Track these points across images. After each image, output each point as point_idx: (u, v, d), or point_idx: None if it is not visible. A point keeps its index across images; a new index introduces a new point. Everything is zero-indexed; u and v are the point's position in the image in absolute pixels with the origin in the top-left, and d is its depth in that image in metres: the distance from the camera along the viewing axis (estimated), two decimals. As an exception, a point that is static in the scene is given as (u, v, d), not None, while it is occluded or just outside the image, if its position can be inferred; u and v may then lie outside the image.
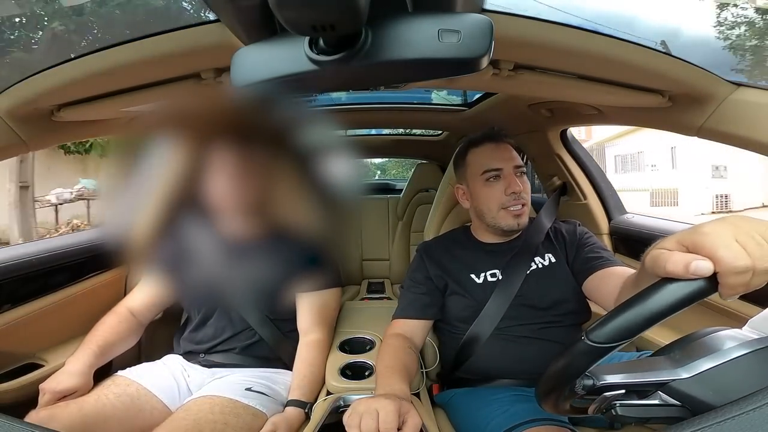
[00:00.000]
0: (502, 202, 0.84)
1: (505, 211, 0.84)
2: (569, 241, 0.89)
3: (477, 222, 0.93)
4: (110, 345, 0.89)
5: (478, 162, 0.88)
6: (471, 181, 0.89)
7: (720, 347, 0.39)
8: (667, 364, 0.41)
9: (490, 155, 0.87)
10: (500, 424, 0.68)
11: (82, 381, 0.79)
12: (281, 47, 0.38)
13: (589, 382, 0.41)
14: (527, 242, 0.89)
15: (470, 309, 0.85)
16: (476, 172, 0.87)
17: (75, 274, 1.07)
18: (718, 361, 0.38)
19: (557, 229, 0.93)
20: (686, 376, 0.39)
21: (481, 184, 0.87)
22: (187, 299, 0.97)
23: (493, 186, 0.85)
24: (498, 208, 0.85)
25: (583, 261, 0.84)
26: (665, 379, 0.40)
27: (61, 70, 0.62)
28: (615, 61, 0.61)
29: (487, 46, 0.35)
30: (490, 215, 0.86)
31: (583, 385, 0.42)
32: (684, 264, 0.33)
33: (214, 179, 0.83)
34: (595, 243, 0.88)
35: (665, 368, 0.41)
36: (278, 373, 0.92)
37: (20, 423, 0.34)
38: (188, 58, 0.59)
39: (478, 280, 0.87)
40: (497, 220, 0.85)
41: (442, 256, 0.92)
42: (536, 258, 0.87)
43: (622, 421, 0.44)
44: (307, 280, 0.93)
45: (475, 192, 0.88)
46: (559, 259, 0.87)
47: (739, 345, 0.38)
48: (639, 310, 0.36)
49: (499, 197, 0.84)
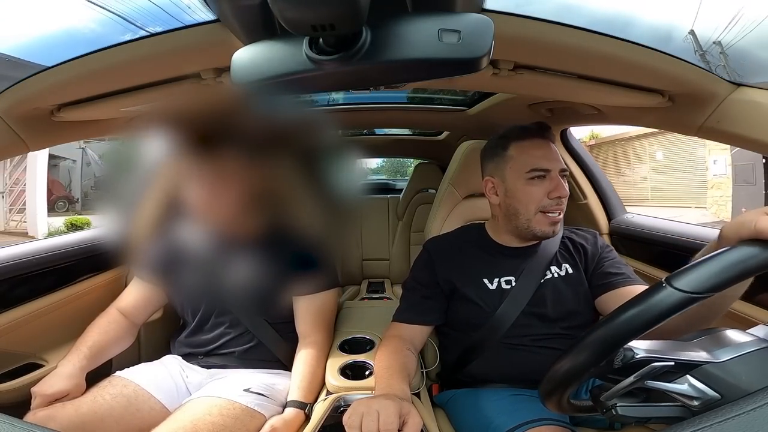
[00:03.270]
0: (542, 205, 0.77)
1: (543, 215, 0.78)
2: (590, 253, 0.84)
3: (503, 221, 0.85)
4: (102, 347, 0.88)
5: (524, 158, 0.79)
6: (510, 177, 0.81)
7: (740, 340, 0.40)
8: (702, 346, 0.41)
9: (538, 152, 0.79)
10: (501, 425, 0.67)
11: (73, 384, 0.78)
12: (281, 47, 0.38)
13: (630, 353, 0.40)
14: (544, 249, 0.84)
15: (479, 316, 0.81)
16: (520, 168, 0.79)
17: (75, 274, 1.07)
18: (745, 350, 0.38)
19: (574, 238, 0.88)
20: (725, 358, 0.39)
21: (523, 181, 0.79)
22: (182, 302, 0.96)
23: (536, 186, 0.78)
24: (536, 211, 0.78)
25: (602, 276, 0.80)
26: (703, 360, 0.39)
27: (61, 70, 0.61)
28: (615, 61, 0.61)
29: (487, 46, 0.35)
30: (525, 217, 0.79)
31: (623, 356, 0.40)
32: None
33: (212, 180, 0.83)
34: (616, 258, 0.84)
35: (701, 350, 0.41)
36: (277, 374, 0.92)
37: (20, 423, 0.34)
38: (188, 58, 0.59)
39: (492, 286, 0.82)
40: (532, 223, 0.79)
41: (452, 256, 0.87)
42: (552, 267, 0.83)
43: (622, 421, 0.44)
44: (304, 282, 0.92)
45: (513, 189, 0.80)
46: (577, 270, 0.83)
47: (756, 340, 0.39)
48: (732, 260, 0.36)
49: (540, 199, 0.77)
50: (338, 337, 0.98)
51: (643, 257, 1.07)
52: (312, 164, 0.80)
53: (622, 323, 0.39)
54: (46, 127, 0.76)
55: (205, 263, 0.91)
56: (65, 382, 0.78)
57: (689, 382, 0.40)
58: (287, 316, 0.94)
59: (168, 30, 0.54)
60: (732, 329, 0.43)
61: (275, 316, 0.93)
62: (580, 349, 0.42)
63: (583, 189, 1.23)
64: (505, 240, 0.87)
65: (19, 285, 0.93)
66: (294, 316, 0.94)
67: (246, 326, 0.91)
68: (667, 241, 0.99)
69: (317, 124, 0.81)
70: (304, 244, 0.86)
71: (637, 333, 0.38)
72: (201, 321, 0.94)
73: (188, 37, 0.55)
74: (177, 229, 0.89)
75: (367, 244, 1.99)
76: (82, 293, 1.07)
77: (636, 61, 0.61)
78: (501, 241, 0.87)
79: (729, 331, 0.43)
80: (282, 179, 0.84)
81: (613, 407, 0.43)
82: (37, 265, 0.96)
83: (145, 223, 0.83)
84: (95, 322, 0.92)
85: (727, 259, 0.37)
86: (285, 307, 0.93)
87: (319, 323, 0.93)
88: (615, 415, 0.43)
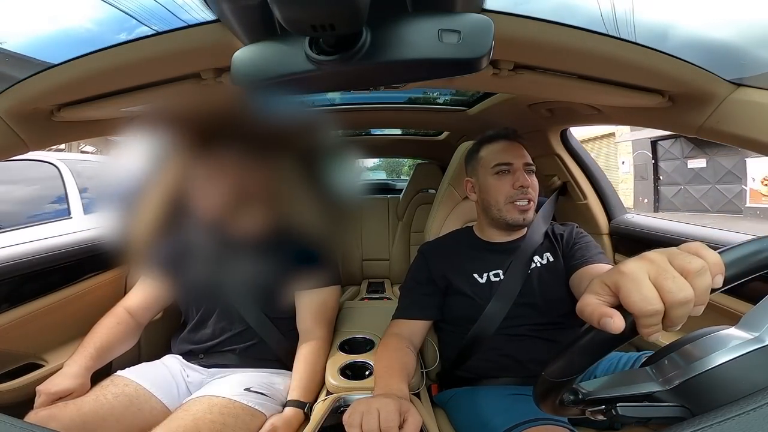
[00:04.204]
0: (509, 195, 0.86)
1: (512, 205, 0.86)
2: (566, 239, 0.91)
3: (482, 217, 0.94)
4: (108, 346, 0.89)
5: (490, 156, 0.90)
6: (481, 174, 0.91)
7: (711, 351, 0.39)
8: (656, 372, 0.43)
9: (502, 150, 0.89)
10: (500, 424, 0.67)
11: (78, 383, 0.79)
12: (281, 47, 0.38)
13: (571, 396, 0.43)
14: (528, 241, 0.90)
15: (473, 309, 0.85)
16: (487, 165, 0.89)
17: (75, 274, 1.07)
18: (701, 369, 0.39)
19: (555, 230, 0.94)
20: (663, 388, 0.41)
21: (490, 176, 0.88)
22: (185, 299, 0.97)
23: (502, 179, 0.87)
24: (505, 201, 0.86)
25: (572, 257, 0.86)
26: (648, 392, 0.41)
27: (61, 70, 0.61)
28: (615, 61, 0.61)
29: (488, 46, 0.35)
30: (496, 207, 0.87)
31: (568, 399, 0.43)
32: (597, 318, 0.34)
33: (213, 179, 0.83)
34: (588, 241, 0.90)
35: (651, 379, 0.42)
36: (278, 373, 0.92)
37: (20, 423, 0.34)
38: (188, 58, 0.59)
39: (482, 280, 0.87)
40: (503, 213, 0.87)
41: (445, 256, 0.93)
42: (535, 257, 0.88)
43: (622, 421, 0.44)
44: (306, 278, 0.93)
45: (485, 184, 0.90)
46: (557, 258, 0.88)
47: (729, 349, 0.38)
48: (574, 354, 0.39)
49: (507, 190, 0.86)
50: (338, 337, 0.98)
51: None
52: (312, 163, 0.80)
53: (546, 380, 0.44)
54: (46, 127, 0.76)
55: (208, 259, 0.91)
56: (71, 381, 0.78)
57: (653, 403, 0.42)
58: (289, 311, 0.95)
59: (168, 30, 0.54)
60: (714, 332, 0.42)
61: (277, 312, 0.93)
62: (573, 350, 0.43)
63: (583, 189, 1.23)
64: (489, 236, 0.94)
65: (19, 285, 0.93)
66: (295, 313, 0.95)
67: (247, 323, 0.92)
68: (667, 242, 0.99)
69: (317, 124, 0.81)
70: (306, 241, 0.87)
71: (556, 393, 0.43)
72: (203, 317, 0.94)
73: (188, 37, 0.55)
74: (181, 227, 0.89)
75: (367, 244, 1.99)
76: (83, 293, 1.07)
77: (636, 61, 0.61)
78: (486, 238, 0.94)
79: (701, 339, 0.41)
80: (282, 178, 0.84)
81: (613, 407, 0.43)
82: (37, 265, 0.96)
83: (150, 221, 0.83)
84: (102, 322, 0.93)
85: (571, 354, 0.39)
86: (287, 303, 0.94)
87: (320, 319, 0.94)
88: (615, 415, 0.43)
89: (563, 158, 1.24)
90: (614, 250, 1.18)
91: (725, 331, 0.41)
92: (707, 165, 8.45)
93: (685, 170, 8.80)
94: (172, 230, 0.90)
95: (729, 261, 0.34)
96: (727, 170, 8.12)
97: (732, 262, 0.34)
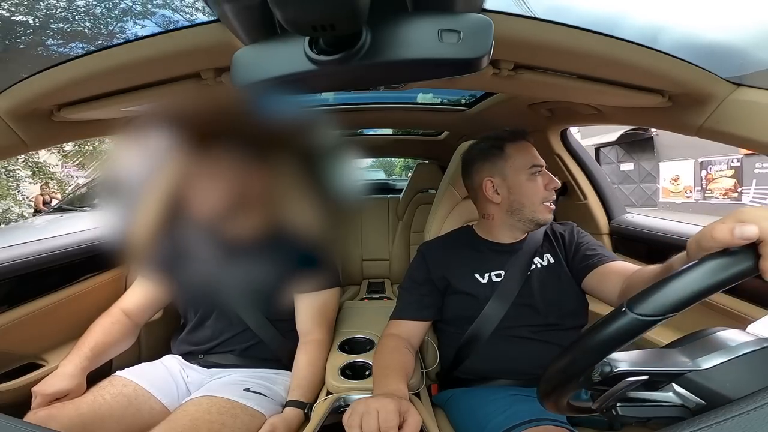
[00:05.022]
0: (544, 197, 0.86)
1: (544, 206, 0.86)
2: (567, 241, 0.90)
3: (503, 218, 0.90)
4: (104, 347, 0.88)
5: (520, 156, 0.88)
6: (513, 174, 0.87)
7: (730, 344, 0.39)
8: (684, 354, 0.41)
9: (530, 151, 0.89)
10: (499, 424, 0.67)
11: (74, 383, 0.78)
12: (281, 47, 0.38)
13: (607, 368, 0.40)
14: (529, 242, 0.89)
15: (473, 309, 0.85)
16: (522, 166, 0.87)
17: (75, 274, 1.07)
18: (732, 355, 0.38)
19: (554, 230, 0.94)
20: (705, 367, 0.39)
21: (525, 177, 0.87)
22: (184, 300, 0.97)
23: (537, 180, 0.86)
24: (540, 202, 0.86)
25: (581, 259, 0.85)
26: (684, 369, 0.39)
27: (61, 70, 0.62)
28: (615, 61, 0.61)
29: (487, 46, 0.35)
30: (530, 208, 0.86)
31: (601, 371, 0.40)
32: (729, 229, 0.35)
33: (212, 179, 0.83)
34: (591, 241, 0.90)
35: (683, 359, 0.40)
36: (277, 373, 0.92)
37: (20, 423, 0.34)
38: (188, 58, 0.59)
39: (483, 280, 0.87)
40: (536, 213, 0.86)
41: (445, 256, 0.92)
42: (535, 258, 0.88)
43: (622, 421, 0.44)
44: (306, 280, 0.93)
45: (517, 185, 0.87)
46: (558, 260, 0.88)
47: (750, 342, 0.38)
48: (687, 282, 0.35)
49: (541, 191, 0.86)
50: (338, 337, 0.98)
51: (643, 257, 1.07)
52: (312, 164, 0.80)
53: (587, 348, 0.39)
54: (46, 127, 0.76)
55: (206, 260, 0.91)
56: (66, 381, 0.78)
57: (674, 390, 0.40)
58: (288, 313, 0.94)
59: (168, 30, 0.54)
60: (719, 331, 0.42)
61: (276, 314, 0.93)
62: (569, 353, 0.42)
63: (583, 189, 1.23)
64: (496, 236, 0.92)
65: (19, 285, 0.93)
66: (295, 315, 0.94)
67: (246, 324, 0.91)
68: (667, 241, 0.99)
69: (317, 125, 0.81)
70: (305, 243, 0.87)
71: (600, 357, 0.39)
72: (202, 318, 0.94)
73: (188, 37, 0.55)
74: (180, 227, 0.89)
75: (367, 244, 1.99)
76: (82, 293, 1.07)
77: (636, 61, 0.61)
78: (491, 238, 0.93)
79: (716, 334, 0.42)
80: (282, 179, 0.84)
81: (613, 407, 0.43)
82: (36, 265, 0.96)
83: (149, 221, 0.83)
84: (98, 322, 0.92)
85: (685, 280, 0.36)
86: (286, 305, 0.93)
87: (319, 321, 0.93)
88: (615, 415, 0.43)
89: (563, 158, 1.24)
90: (614, 250, 1.18)
91: (739, 330, 0.41)
92: (634, 168, 10.18)
93: (619, 172, 10.56)
94: (171, 231, 0.90)
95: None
96: (648, 172, 9.81)
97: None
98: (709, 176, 8.16)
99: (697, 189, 8.35)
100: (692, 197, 8.46)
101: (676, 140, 8.25)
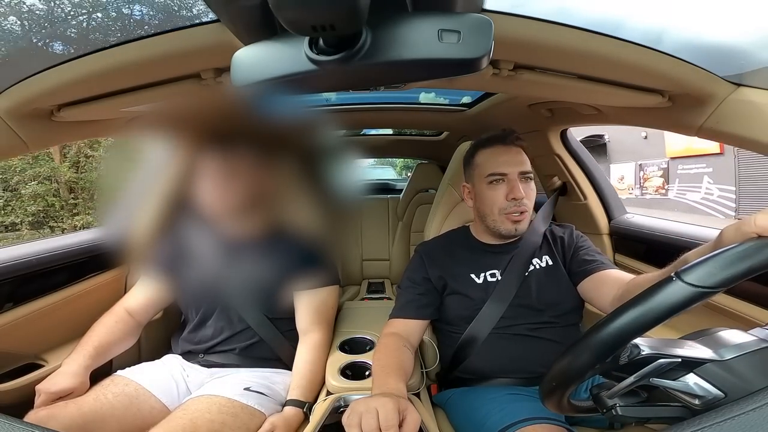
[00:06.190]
0: (502, 207, 0.84)
1: (505, 216, 0.85)
2: (567, 244, 0.90)
3: (478, 222, 0.94)
4: (107, 346, 0.89)
5: (485, 164, 0.88)
6: (476, 182, 0.90)
7: (742, 341, 0.40)
8: (706, 344, 0.41)
9: (497, 158, 0.86)
10: (497, 423, 0.68)
11: (78, 382, 0.79)
12: (281, 47, 0.38)
13: (636, 350, 0.40)
14: (526, 244, 0.89)
15: (470, 309, 0.85)
16: (481, 174, 0.87)
17: (75, 274, 1.07)
18: (751, 348, 0.38)
19: (554, 232, 0.94)
20: (729, 357, 0.39)
21: (484, 186, 0.87)
22: (185, 299, 0.97)
23: (496, 189, 0.85)
24: (498, 212, 0.85)
25: (579, 263, 0.85)
26: (707, 358, 0.39)
27: (61, 70, 0.61)
28: (615, 61, 0.61)
29: (487, 46, 0.35)
30: (490, 218, 0.87)
31: (630, 352, 0.40)
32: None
33: (212, 179, 0.83)
34: (590, 246, 0.90)
35: (706, 348, 0.40)
36: (277, 372, 0.92)
37: (20, 423, 0.34)
38: (188, 58, 0.59)
39: (478, 280, 0.87)
40: (497, 223, 0.86)
41: (442, 256, 0.93)
42: (534, 260, 0.88)
43: (622, 421, 0.44)
44: (305, 278, 0.93)
45: (479, 193, 0.89)
46: (556, 261, 0.88)
47: (761, 339, 0.39)
48: (743, 255, 0.36)
49: (500, 202, 0.84)
50: (338, 338, 0.98)
51: (643, 257, 1.07)
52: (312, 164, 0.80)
53: (631, 318, 0.37)
54: (46, 127, 0.76)
55: (207, 259, 0.91)
56: (69, 380, 0.78)
57: (693, 381, 0.40)
58: (288, 312, 0.94)
59: (168, 30, 0.54)
60: (732, 329, 0.43)
61: (276, 312, 0.93)
62: (584, 346, 0.41)
63: (583, 189, 1.23)
64: (486, 239, 0.93)
65: (19, 285, 0.93)
66: (294, 313, 0.95)
67: (247, 323, 0.92)
68: (667, 242, 0.99)
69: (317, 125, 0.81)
70: (306, 241, 0.87)
71: (646, 328, 0.37)
72: (203, 317, 0.94)
73: (188, 37, 0.55)
74: (181, 226, 0.89)
75: (367, 244, 1.99)
76: (83, 293, 1.07)
77: (636, 61, 0.61)
78: (483, 240, 0.94)
79: (729, 330, 0.43)
80: (282, 178, 0.84)
81: (614, 407, 0.43)
82: (37, 265, 0.96)
83: (150, 221, 0.83)
84: (101, 321, 0.92)
85: (738, 253, 0.37)
86: (286, 303, 0.94)
87: (318, 319, 0.94)
88: (615, 415, 0.43)
89: (563, 158, 1.24)
90: (614, 250, 1.18)
91: (740, 330, 0.42)
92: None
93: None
94: (171, 231, 0.90)
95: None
96: (601, 172, 10.89)
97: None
98: (645, 176, 9.54)
99: (637, 186, 9.76)
100: (633, 193, 9.78)
101: (622, 146, 9.81)
